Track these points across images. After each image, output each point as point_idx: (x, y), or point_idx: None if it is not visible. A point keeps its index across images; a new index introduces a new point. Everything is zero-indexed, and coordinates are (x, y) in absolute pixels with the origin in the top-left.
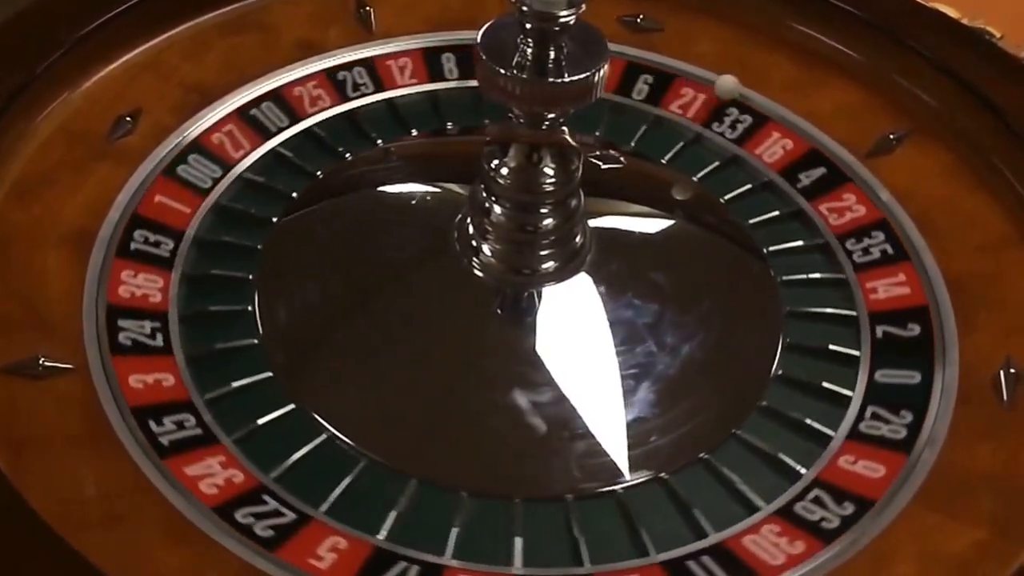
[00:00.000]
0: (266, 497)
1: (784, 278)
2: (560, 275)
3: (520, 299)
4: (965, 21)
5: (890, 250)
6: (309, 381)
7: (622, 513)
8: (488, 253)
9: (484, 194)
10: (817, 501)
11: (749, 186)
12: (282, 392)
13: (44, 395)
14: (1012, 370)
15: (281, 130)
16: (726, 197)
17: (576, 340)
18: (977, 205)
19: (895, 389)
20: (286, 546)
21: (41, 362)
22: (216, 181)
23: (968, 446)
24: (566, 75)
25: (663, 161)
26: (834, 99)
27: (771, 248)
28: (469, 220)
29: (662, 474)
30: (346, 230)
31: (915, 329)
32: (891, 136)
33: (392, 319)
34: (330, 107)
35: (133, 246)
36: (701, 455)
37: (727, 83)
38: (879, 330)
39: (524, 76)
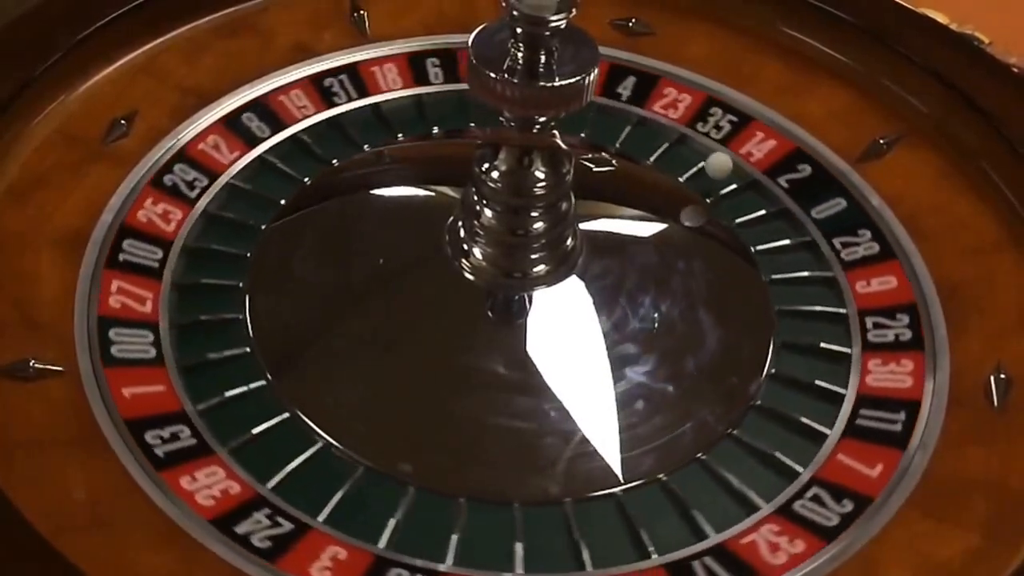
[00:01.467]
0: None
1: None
2: (551, 278)
3: (512, 302)
4: (954, 27)
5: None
6: (301, 389)
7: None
8: (479, 256)
9: (475, 197)
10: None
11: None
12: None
13: (34, 397)
14: (1003, 375)
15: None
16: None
17: (568, 343)
18: (967, 210)
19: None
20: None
21: (32, 364)
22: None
23: (960, 451)
24: (557, 79)
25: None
26: (825, 103)
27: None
28: (460, 223)
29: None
30: (337, 235)
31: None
32: (881, 141)
33: (384, 324)
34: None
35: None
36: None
37: (719, 162)
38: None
39: (515, 80)
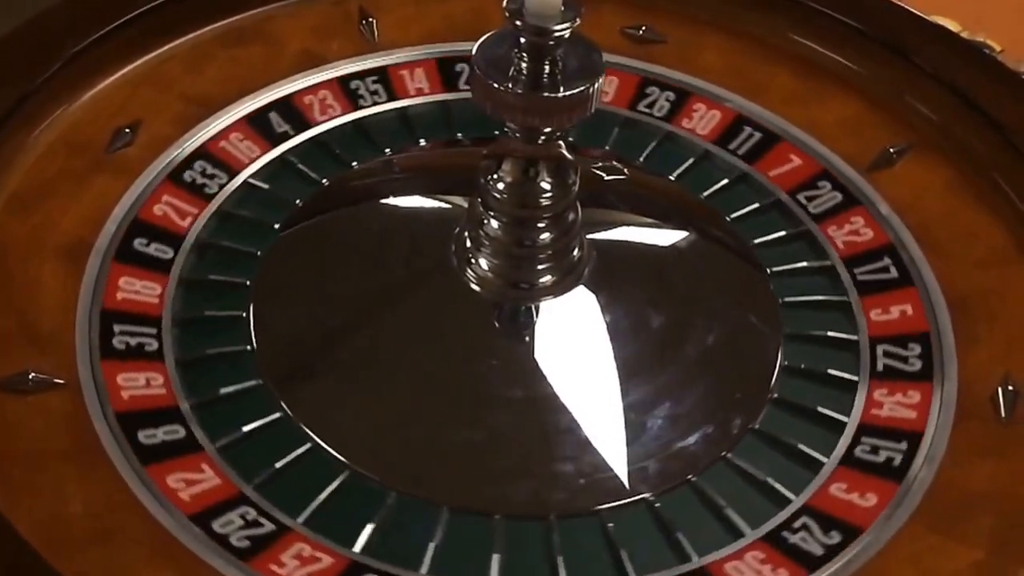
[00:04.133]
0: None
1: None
2: (558, 289)
3: (518, 313)
4: (966, 35)
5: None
6: (299, 391)
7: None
8: (485, 267)
9: (481, 208)
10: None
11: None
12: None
13: (33, 410)
14: (1011, 387)
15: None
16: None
17: (574, 355)
18: (977, 220)
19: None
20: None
21: (31, 377)
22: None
23: (967, 464)
24: (561, 89)
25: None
26: (835, 112)
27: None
28: (466, 234)
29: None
30: (344, 242)
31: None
32: (891, 150)
33: (388, 332)
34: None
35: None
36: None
37: None
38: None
39: (519, 90)
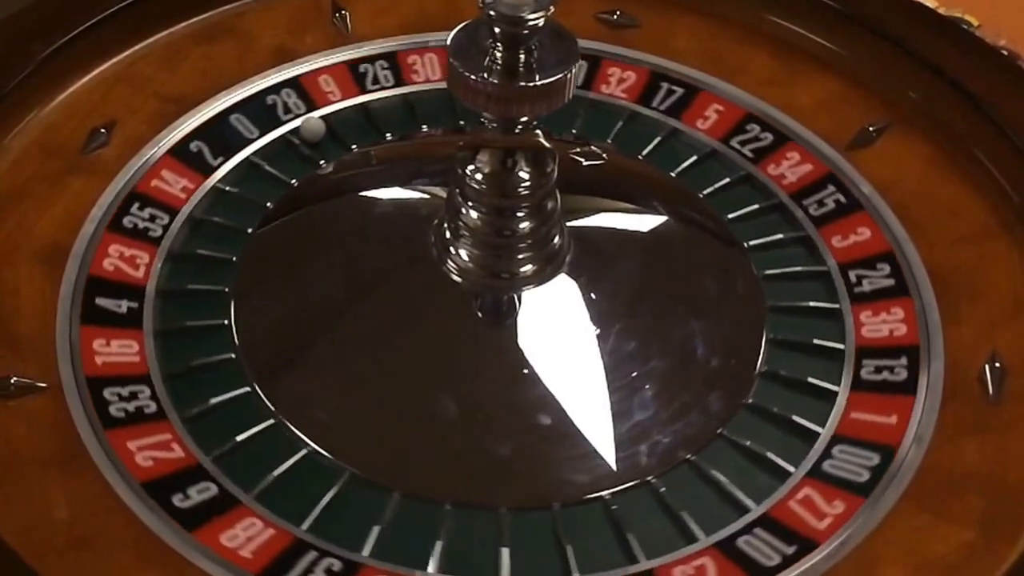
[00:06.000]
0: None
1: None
2: (539, 278)
3: (500, 303)
4: (942, 11)
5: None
6: (287, 393)
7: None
8: (466, 258)
9: (459, 199)
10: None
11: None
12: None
13: (15, 415)
14: (998, 364)
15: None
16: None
17: (558, 343)
18: (958, 196)
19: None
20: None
21: (12, 381)
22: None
23: (955, 444)
24: (537, 78)
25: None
26: (812, 92)
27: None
28: (445, 225)
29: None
30: (322, 238)
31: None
32: (871, 128)
33: (370, 327)
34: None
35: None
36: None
37: (313, 126)
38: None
39: (494, 80)
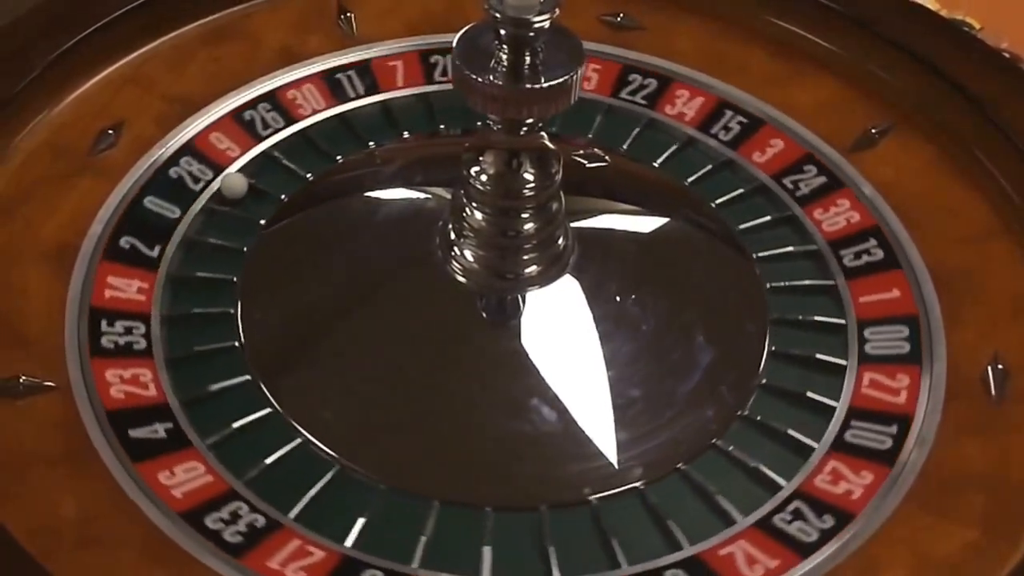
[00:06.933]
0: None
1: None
2: (544, 279)
3: (504, 304)
4: (945, 13)
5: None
6: (288, 385)
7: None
8: (470, 258)
9: (464, 200)
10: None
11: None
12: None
13: (24, 414)
14: (1000, 366)
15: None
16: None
17: (561, 344)
18: (960, 197)
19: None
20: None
21: (21, 381)
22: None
23: (958, 444)
24: (542, 80)
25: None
26: (814, 94)
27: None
28: (451, 226)
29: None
30: (330, 236)
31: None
32: (873, 130)
33: (374, 325)
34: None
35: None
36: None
37: (233, 182)
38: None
39: (500, 82)
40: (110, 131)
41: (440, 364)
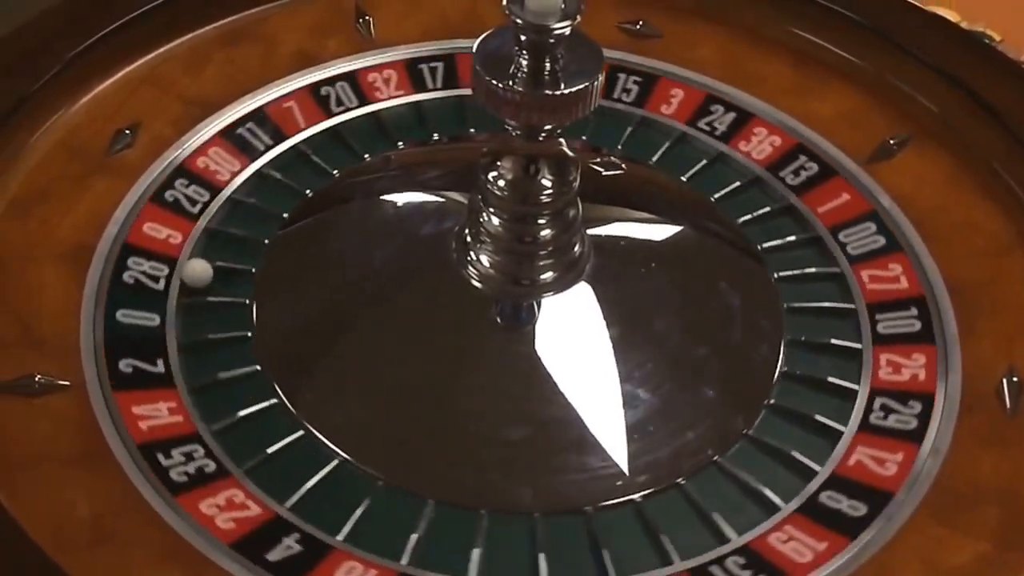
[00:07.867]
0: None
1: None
2: (560, 285)
3: (520, 310)
4: (965, 25)
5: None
6: (297, 380)
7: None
8: (486, 264)
9: (481, 205)
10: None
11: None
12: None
13: (39, 413)
14: (1015, 378)
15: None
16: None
17: (577, 350)
18: (978, 210)
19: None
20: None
21: (37, 380)
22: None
23: (972, 457)
24: (562, 86)
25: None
26: (834, 104)
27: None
28: (467, 231)
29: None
30: (343, 244)
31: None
32: (891, 141)
33: (391, 333)
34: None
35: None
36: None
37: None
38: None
39: (520, 88)
40: (127, 131)
41: (453, 368)
